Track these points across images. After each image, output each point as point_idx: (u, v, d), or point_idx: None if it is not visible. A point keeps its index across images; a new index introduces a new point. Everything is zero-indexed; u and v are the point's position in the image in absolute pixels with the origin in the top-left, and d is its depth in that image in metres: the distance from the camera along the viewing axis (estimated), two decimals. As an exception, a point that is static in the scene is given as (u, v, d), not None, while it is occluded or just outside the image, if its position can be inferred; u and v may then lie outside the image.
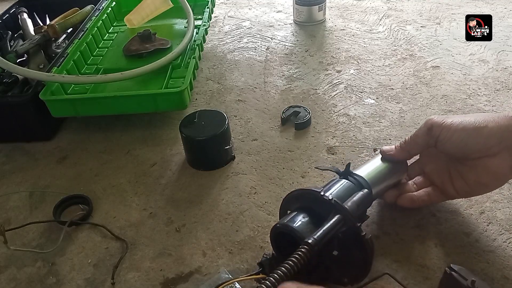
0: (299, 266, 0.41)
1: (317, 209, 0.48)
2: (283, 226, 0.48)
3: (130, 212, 0.66)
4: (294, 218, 0.48)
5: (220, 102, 0.89)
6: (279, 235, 0.49)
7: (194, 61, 0.85)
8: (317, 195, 0.48)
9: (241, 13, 1.25)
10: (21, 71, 0.80)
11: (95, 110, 0.80)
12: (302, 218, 0.48)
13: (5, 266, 0.60)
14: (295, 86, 0.92)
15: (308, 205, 0.50)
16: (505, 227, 0.58)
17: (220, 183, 0.70)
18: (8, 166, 0.78)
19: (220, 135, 0.69)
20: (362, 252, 0.46)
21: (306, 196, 0.50)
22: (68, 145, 0.82)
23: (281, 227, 0.48)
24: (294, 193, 0.52)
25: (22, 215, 0.68)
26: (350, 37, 1.08)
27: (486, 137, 0.50)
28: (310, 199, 0.49)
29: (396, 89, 0.88)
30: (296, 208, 0.51)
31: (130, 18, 1.06)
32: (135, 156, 0.77)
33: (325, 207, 0.47)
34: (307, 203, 0.50)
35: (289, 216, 0.49)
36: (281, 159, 0.73)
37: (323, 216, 0.47)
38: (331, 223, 0.45)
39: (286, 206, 0.53)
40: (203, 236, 0.61)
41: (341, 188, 0.52)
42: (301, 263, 0.41)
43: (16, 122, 0.80)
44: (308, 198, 0.50)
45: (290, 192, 0.52)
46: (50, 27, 0.99)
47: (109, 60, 0.96)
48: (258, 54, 1.05)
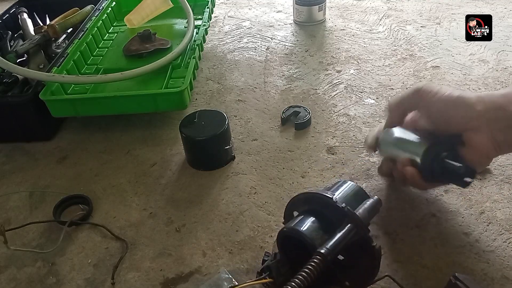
0: (312, 278, 0.40)
1: (327, 214, 0.48)
2: (292, 230, 0.47)
3: (130, 212, 0.66)
4: (302, 222, 0.47)
5: (220, 102, 0.89)
6: (286, 238, 0.49)
7: (194, 61, 0.85)
8: (329, 201, 0.47)
9: (241, 13, 1.25)
10: (21, 71, 0.80)
11: (95, 110, 0.80)
12: (311, 222, 0.47)
13: (5, 266, 0.60)
14: (295, 86, 0.92)
15: (317, 209, 0.49)
16: (505, 227, 0.58)
17: (220, 183, 0.70)
18: (8, 166, 0.78)
19: (220, 135, 0.69)
20: (370, 260, 0.46)
21: (316, 200, 0.49)
22: (68, 145, 0.82)
23: (289, 231, 0.47)
24: (303, 196, 0.51)
25: (22, 215, 0.68)
26: (350, 37, 1.08)
27: (466, 107, 0.49)
28: (321, 203, 0.48)
29: (396, 89, 0.88)
30: (304, 211, 0.50)
31: (130, 18, 1.06)
32: (135, 156, 0.77)
33: (336, 213, 0.46)
34: (316, 207, 0.49)
35: (297, 219, 0.48)
36: (281, 159, 0.73)
37: (332, 221, 0.46)
38: (343, 232, 0.45)
39: (293, 208, 0.52)
40: (203, 236, 0.61)
41: (350, 193, 0.51)
42: (314, 274, 0.41)
43: (16, 122, 0.80)
44: (319, 203, 0.49)
45: (299, 194, 0.51)
46: (50, 27, 0.99)
47: (109, 60, 0.96)
48: (258, 54, 1.05)
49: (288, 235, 0.48)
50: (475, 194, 0.63)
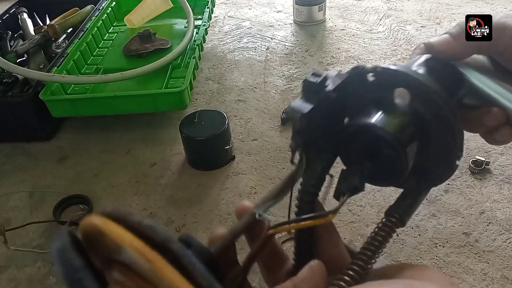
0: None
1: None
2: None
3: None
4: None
5: (220, 102, 0.89)
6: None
7: (194, 61, 0.85)
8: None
9: (241, 13, 1.25)
10: (21, 71, 0.80)
11: (95, 110, 0.80)
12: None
13: (5, 266, 0.60)
14: (295, 86, 0.92)
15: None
16: (505, 227, 0.58)
17: (220, 183, 0.70)
18: (8, 166, 0.78)
19: (220, 135, 0.69)
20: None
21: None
22: (68, 145, 0.82)
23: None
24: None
25: (22, 215, 0.68)
26: (350, 37, 1.08)
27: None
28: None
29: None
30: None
31: (130, 18, 1.06)
32: (135, 156, 0.77)
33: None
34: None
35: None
36: (281, 159, 0.73)
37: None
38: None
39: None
40: (203, 236, 0.61)
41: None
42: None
43: (16, 122, 0.80)
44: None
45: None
46: (50, 27, 0.99)
47: (109, 60, 0.96)
48: (258, 54, 1.04)
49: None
50: (475, 194, 0.63)
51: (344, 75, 0.28)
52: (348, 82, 0.27)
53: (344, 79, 0.27)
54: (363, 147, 0.27)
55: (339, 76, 0.28)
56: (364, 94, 0.29)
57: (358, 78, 0.28)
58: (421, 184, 0.29)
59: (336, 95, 0.26)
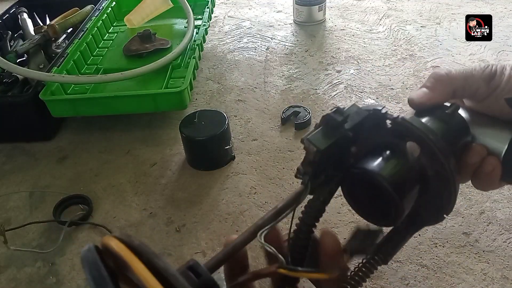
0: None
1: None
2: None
3: (130, 212, 0.66)
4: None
5: (220, 102, 0.89)
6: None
7: (194, 61, 0.85)
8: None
9: (241, 13, 1.25)
10: (21, 71, 0.80)
11: (95, 110, 0.80)
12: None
13: (5, 266, 0.60)
14: (295, 86, 0.92)
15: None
16: (505, 227, 0.58)
17: (220, 183, 0.70)
18: (8, 166, 0.78)
19: (220, 135, 0.69)
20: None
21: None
22: (68, 145, 0.82)
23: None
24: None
25: (22, 215, 0.68)
26: (350, 37, 1.08)
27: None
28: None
29: (396, 89, 0.88)
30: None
31: (130, 18, 1.06)
32: (135, 156, 0.77)
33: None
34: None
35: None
36: (281, 159, 0.73)
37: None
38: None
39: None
40: (203, 236, 0.61)
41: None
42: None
43: (16, 122, 0.80)
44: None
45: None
46: (50, 27, 0.99)
47: (109, 60, 0.96)
48: (258, 54, 1.04)
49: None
50: (475, 194, 0.63)
51: (364, 113, 0.29)
52: (366, 120, 0.29)
53: (362, 118, 0.29)
54: (366, 188, 0.29)
55: (358, 113, 0.29)
56: (378, 135, 0.30)
57: (376, 120, 0.30)
58: (409, 228, 0.32)
59: (353, 133, 0.28)
